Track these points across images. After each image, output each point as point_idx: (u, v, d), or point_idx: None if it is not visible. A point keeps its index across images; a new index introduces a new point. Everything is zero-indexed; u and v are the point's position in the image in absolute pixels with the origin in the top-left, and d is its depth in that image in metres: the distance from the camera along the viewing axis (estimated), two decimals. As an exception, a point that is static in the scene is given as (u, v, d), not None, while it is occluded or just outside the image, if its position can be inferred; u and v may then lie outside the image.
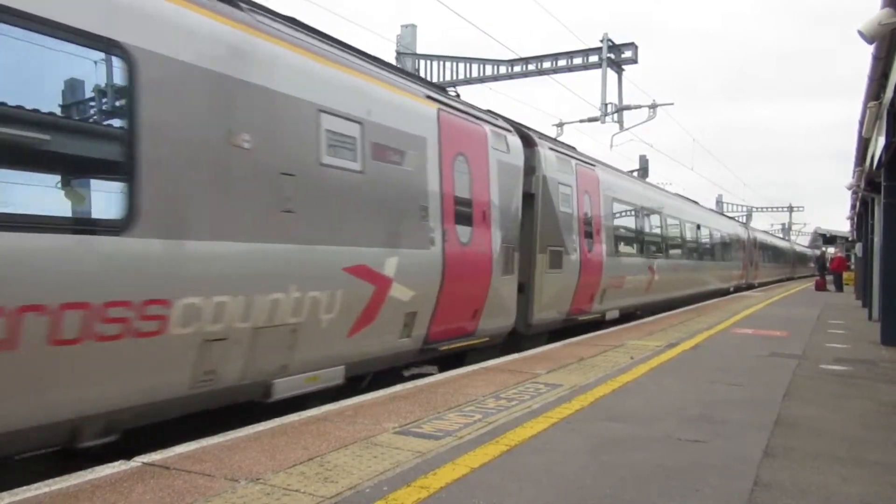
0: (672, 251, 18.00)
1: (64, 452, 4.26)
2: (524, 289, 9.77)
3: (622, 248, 13.93)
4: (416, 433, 4.57)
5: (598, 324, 12.74)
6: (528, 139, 10.14)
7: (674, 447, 4.38)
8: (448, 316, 7.68)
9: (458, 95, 9.79)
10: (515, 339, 9.84)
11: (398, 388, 6.20)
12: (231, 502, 3.28)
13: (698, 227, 21.06)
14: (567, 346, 9.49)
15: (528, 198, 9.87)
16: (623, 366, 7.56)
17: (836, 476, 3.87)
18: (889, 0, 7.04)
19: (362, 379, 6.83)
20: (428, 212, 7.25)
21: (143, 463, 3.85)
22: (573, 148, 12.84)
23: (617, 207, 13.77)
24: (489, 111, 9.49)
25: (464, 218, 7.96)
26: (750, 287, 30.78)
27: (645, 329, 11.78)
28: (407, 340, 7.04)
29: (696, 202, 24.06)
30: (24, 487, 3.44)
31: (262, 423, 4.79)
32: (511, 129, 9.66)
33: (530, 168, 9.98)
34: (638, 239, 15.26)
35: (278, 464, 3.87)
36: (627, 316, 14.40)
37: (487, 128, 8.80)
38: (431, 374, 7.52)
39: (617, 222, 13.72)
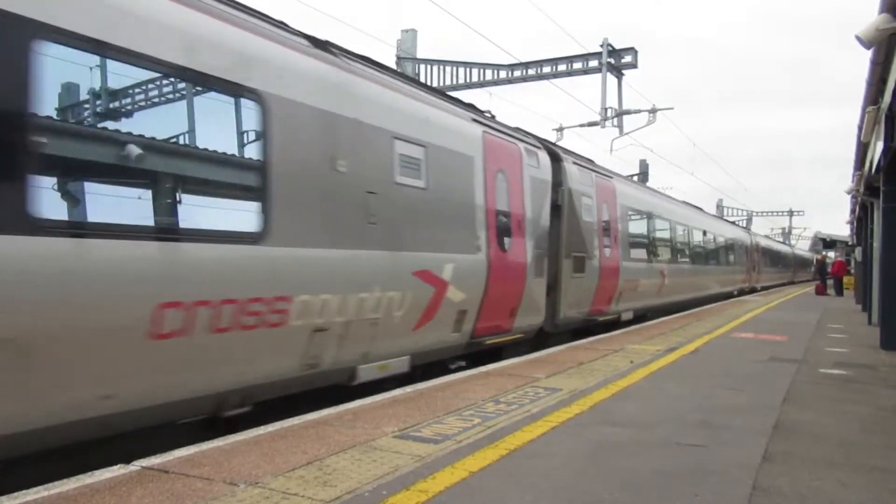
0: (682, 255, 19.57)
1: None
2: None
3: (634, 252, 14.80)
4: (415, 437, 4.57)
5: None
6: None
7: (673, 452, 4.38)
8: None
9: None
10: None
11: (398, 392, 6.20)
12: (230, 506, 3.29)
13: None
14: (567, 350, 9.49)
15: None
16: (623, 370, 7.56)
17: (835, 481, 3.87)
18: (887, 6, 7.07)
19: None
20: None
21: (142, 467, 3.86)
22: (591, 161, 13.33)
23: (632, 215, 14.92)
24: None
25: None
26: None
27: (645, 333, 11.78)
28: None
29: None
30: (24, 491, 3.44)
31: (262, 427, 4.79)
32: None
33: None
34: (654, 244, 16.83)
35: (277, 468, 3.87)
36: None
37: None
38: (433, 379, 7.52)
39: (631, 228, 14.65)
